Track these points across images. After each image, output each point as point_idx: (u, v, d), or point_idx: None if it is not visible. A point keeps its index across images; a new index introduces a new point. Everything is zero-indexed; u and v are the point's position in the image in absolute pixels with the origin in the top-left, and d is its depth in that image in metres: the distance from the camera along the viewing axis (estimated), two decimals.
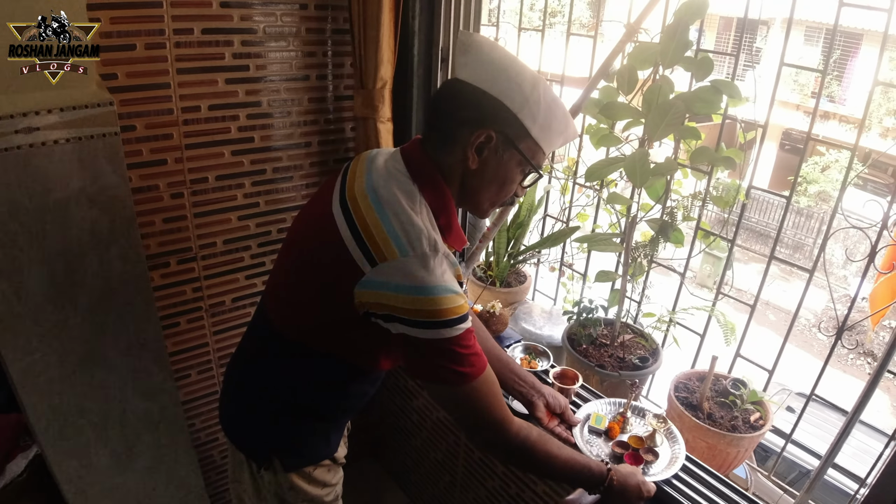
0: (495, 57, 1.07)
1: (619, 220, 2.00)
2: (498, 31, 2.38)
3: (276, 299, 1.23)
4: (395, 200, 1.05)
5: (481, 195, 1.15)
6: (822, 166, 10.90)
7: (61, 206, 1.38)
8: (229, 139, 1.74)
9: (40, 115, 1.28)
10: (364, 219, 1.03)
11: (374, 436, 2.67)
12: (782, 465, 4.03)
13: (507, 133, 1.08)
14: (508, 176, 1.14)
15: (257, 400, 1.30)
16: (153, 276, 1.73)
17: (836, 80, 10.85)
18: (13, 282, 1.39)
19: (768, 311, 9.36)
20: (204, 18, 1.58)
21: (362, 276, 1.01)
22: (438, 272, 1.01)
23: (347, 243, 1.03)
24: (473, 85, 1.06)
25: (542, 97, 1.08)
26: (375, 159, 1.16)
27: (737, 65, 1.80)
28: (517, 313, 2.32)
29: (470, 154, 1.08)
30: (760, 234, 11.18)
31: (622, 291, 2.00)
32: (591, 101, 1.80)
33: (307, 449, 1.33)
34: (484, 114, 1.06)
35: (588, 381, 1.87)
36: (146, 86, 1.56)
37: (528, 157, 1.11)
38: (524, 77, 1.07)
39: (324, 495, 1.39)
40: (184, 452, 1.87)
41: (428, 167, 1.11)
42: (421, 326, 1.02)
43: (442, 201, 1.11)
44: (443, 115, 1.12)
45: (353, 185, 1.11)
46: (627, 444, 1.51)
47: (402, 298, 1.00)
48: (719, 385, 1.83)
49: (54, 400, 1.55)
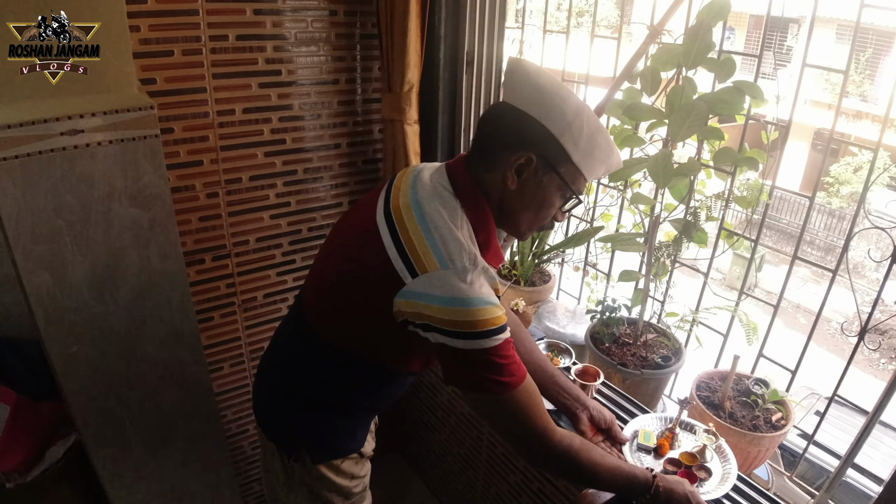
0: (541, 82, 1.09)
1: (643, 220, 2.01)
2: (523, 33, 2.41)
3: (316, 301, 1.26)
4: (438, 215, 1.08)
5: (519, 217, 1.17)
6: (855, 167, 10.67)
7: (104, 204, 1.44)
8: (262, 141, 1.80)
9: (85, 118, 1.34)
10: (407, 231, 1.07)
11: (399, 430, 2.72)
12: (811, 471, 3.97)
13: (548, 157, 1.10)
14: (547, 200, 1.15)
15: (289, 394, 1.34)
16: (189, 272, 1.80)
17: (868, 80, 10.61)
18: (57, 276, 1.46)
19: (799, 314, 9.20)
20: (238, 25, 1.64)
21: (403, 286, 1.04)
22: (477, 285, 1.04)
23: (390, 254, 1.06)
24: (517, 108, 1.10)
25: (585, 124, 1.10)
26: (421, 174, 1.19)
27: (759, 65, 1.80)
28: (541, 312, 2.35)
29: (510, 175, 1.11)
30: (792, 235, 10.98)
31: (645, 291, 2.01)
32: (614, 102, 1.83)
33: (334, 443, 1.37)
34: (525, 136, 1.09)
35: (610, 380, 1.89)
36: (183, 90, 1.63)
37: (567, 182, 1.13)
38: (568, 103, 1.09)
39: (352, 486, 1.43)
40: (215, 442, 1.93)
41: (470, 185, 1.14)
42: (459, 337, 1.04)
43: (482, 218, 1.14)
44: (487, 135, 1.15)
45: (398, 198, 1.14)
46: (679, 461, 1.48)
47: (441, 310, 1.03)
48: (741, 385, 1.84)
49: (94, 389, 1.61)
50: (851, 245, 1.69)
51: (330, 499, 1.41)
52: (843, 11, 9.34)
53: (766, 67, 1.85)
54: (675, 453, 1.52)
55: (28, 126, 1.29)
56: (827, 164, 10.69)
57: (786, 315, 9.12)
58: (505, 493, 2.05)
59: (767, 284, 9.51)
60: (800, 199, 11.01)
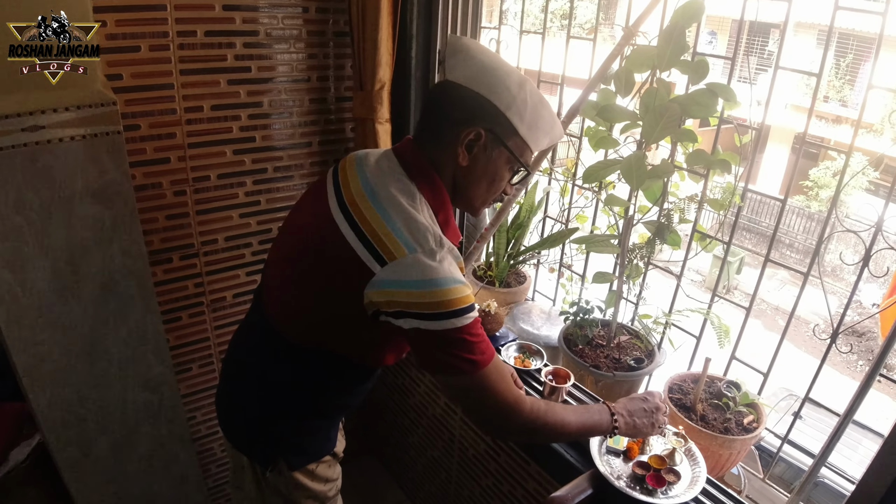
0: (484, 59, 1.11)
1: (617, 221, 2.01)
2: (500, 33, 2.41)
3: (281, 303, 1.24)
4: (395, 199, 1.08)
5: (473, 192, 1.19)
6: (834, 171, 10.80)
7: (65, 201, 1.42)
8: (231, 139, 1.78)
9: (46, 114, 1.32)
10: (367, 221, 1.06)
11: (373, 434, 2.70)
12: (789, 472, 4.00)
13: (496, 131, 1.12)
14: (498, 173, 1.18)
15: (260, 403, 1.31)
16: (156, 271, 1.77)
17: (848, 84, 10.75)
18: (18, 274, 1.43)
19: (778, 316, 9.29)
20: (207, 21, 1.61)
21: (372, 276, 1.04)
22: (446, 265, 1.05)
23: (353, 245, 1.05)
24: (463, 85, 1.10)
25: (528, 97, 1.13)
26: (366, 160, 1.19)
27: (733, 67, 1.81)
28: (516, 313, 2.34)
29: (460, 151, 1.12)
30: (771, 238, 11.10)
31: (618, 293, 2.01)
32: (589, 103, 1.82)
33: (311, 446, 1.36)
34: (473, 112, 1.10)
35: (583, 382, 1.88)
36: (150, 86, 1.60)
37: (516, 154, 1.15)
38: (511, 78, 1.11)
39: (326, 491, 1.42)
40: (182, 444, 1.90)
41: (424, 166, 1.15)
42: (433, 318, 1.04)
43: (440, 198, 1.16)
44: (434, 114, 1.16)
45: (349, 188, 1.13)
46: (648, 464, 1.47)
47: (414, 293, 1.03)
48: (714, 387, 1.84)
49: (56, 389, 1.59)
50: (830, 248, 1.70)
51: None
52: (823, 17, 9.46)
53: (747, 72, 1.85)
54: (645, 457, 1.51)
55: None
56: (806, 168, 10.84)
57: (765, 317, 9.21)
58: (477, 496, 2.05)
59: (747, 286, 9.59)
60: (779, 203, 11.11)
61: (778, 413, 5.18)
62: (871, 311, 7.31)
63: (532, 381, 1.82)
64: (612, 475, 1.45)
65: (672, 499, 1.39)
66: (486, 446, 1.92)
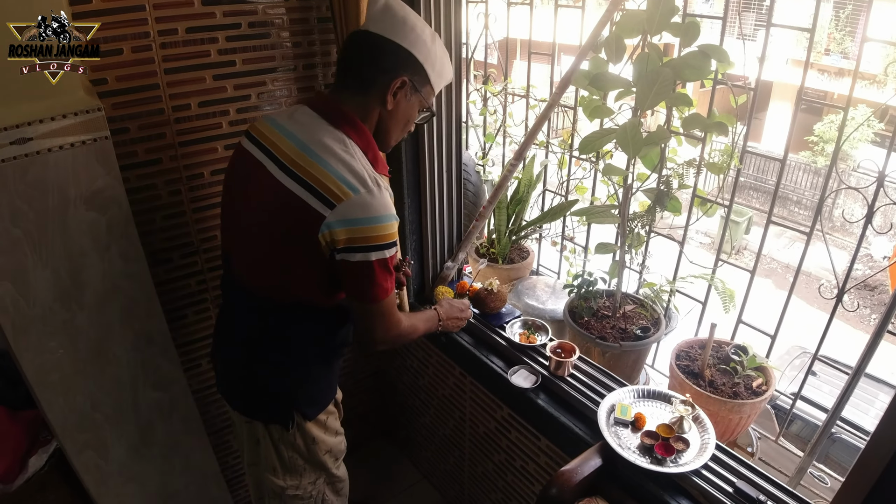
0: (404, 14, 1.27)
1: (616, 191, 1.99)
2: (487, 6, 2.37)
3: (254, 272, 1.37)
4: (330, 148, 1.22)
5: (390, 132, 1.36)
6: (839, 125, 10.63)
7: (60, 210, 1.43)
8: (221, 134, 1.76)
9: (32, 126, 1.32)
10: (309, 172, 1.20)
11: (385, 416, 2.72)
12: (806, 430, 4.01)
13: (415, 80, 1.30)
14: (412, 116, 1.37)
15: (261, 365, 1.42)
16: (157, 271, 1.77)
17: (849, 37, 10.52)
18: (21, 285, 1.44)
19: (789, 274, 9.23)
20: (187, 18, 1.59)
21: (323, 219, 1.17)
22: (386, 201, 1.22)
23: (302, 196, 1.19)
24: (387, 37, 1.25)
25: (438, 49, 1.32)
26: (281, 120, 1.32)
27: (724, 27, 1.77)
28: (520, 289, 2.34)
29: (388, 97, 1.28)
30: (780, 196, 10.96)
31: (621, 262, 2.00)
32: (581, 72, 1.80)
33: (318, 394, 1.50)
34: (400, 62, 1.27)
35: (590, 354, 1.88)
36: (136, 88, 1.58)
37: (426, 98, 1.35)
38: (426, 32, 1.29)
39: (338, 443, 1.60)
40: (198, 439, 1.93)
41: (346, 113, 1.28)
42: (375, 249, 1.22)
43: (366, 140, 1.30)
44: (360, 62, 1.28)
45: (279, 147, 1.26)
46: (657, 433, 1.48)
47: (363, 229, 1.19)
48: (721, 352, 1.83)
49: (68, 395, 1.61)
50: (838, 203, 1.68)
51: (325, 462, 1.55)
52: None
53: (745, 29, 1.81)
54: (653, 425, 1.51)
55: None
56: (811, 123, 10.67)
57: (776, 276, 9.16)
58: (490, 472, 2.07)
59: (756, 246, 9.52)
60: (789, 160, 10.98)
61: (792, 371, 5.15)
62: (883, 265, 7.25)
63: (538, 357, 1.82)
64: (620, 446, 1.46)
65: (682, 467, 1.40)
66: (495, 423, 1.93)
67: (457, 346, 1.97)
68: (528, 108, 2.40)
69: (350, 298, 1.32)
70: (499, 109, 2.57)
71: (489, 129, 2.70)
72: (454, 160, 2.03)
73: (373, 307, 1.30)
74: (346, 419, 1.74)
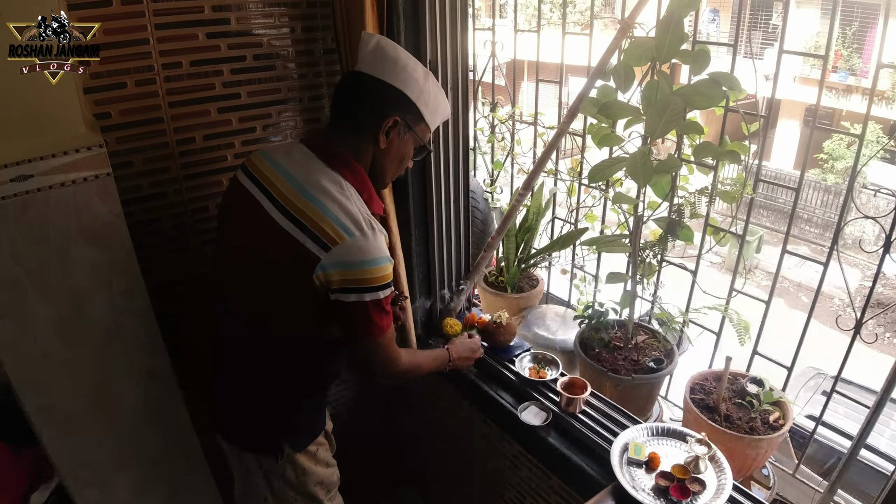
0: (396, 55, 1.29)
1: (627, 219, 1.96)
2: (494, 34, 2.36)
3: (246, 305, 1.38)
4: (327, 191, 1.22)
5: (386, 171, 1.37)
6: (848, 141, 10.59)
7: (61, 247, 1.41)
8: (226, 167, 1.75)
9: (33, 163, 1.31)
10: (306, 213, 1.20)
11: (394, 449, 2.67)
12: (820, 451, 3.93)
13: (408, 119, 1.31)
14: (406, 154, 1.38)
15: (253, 396, 1.43)
16: (162, 304, 1.75)
17: (856, 53, 10.51)
18: (22, 323, 1.42)
19: (801, 293, 9.13)
20: (191, 51, 1.59)
21: (319, 261, 1.18)
22: (380, 244, 1.23)
23: (299, 238, 1.19)
24: (378, 78, 1.28)
25: (431, 87, 1.34)
26: (278, 156, 1.32)
27: (735, 53, 1.75)
28: (530, 319, 2.30)
29: (381, 137, 1.29)
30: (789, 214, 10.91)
31: (632, 293, 1.96)
32: (589, 100, 1.77)
33: (307, 424, 1.50)
34: (390, 102, 1.28)
35: (602, 388, 1.84)
36: (140, 122, 1.58)
37: (420, 136, 1.36)
38: (418, 71, 1.31)
39: (330, 475, 1.58)
40: (202, 476, 1.90)
41: (342, 154, 1.29)
42: (370, 291, 1.23)
43: (361, 180, 1.30)
44: (351, 104, 1.31)
45: (275, 186, 1.26)
46: (672, 475, 1.43)
47: (359, 272, 1.20)
48: (737, 385, 1.78)
49: (70, 432, 1.59)
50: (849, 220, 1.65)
51: (316, 493, 1.54)
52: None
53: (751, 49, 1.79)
54: (668, 466, 1.46)
55: None
56: (820, 140, 10.62)
57: (788, 295, 9.06)
58: None
59: (768, 265, 9.44)
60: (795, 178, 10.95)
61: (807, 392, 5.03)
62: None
63: (548, 392, 1.77)
64: (634, 488, 1.41)
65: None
66: (505, 460, 1.88)
67: (465, 380, 1.93)
68: (537, 136, 2.38)
69: (346, 335, 1.34)
70: (507, 136, 2.55)
71: (497, 155, 2.68)
72: (461, 189, 2.00)
73: (369, 345, 1.31)
74: (354, 451, 1.70)
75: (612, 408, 1.69)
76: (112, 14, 1.47)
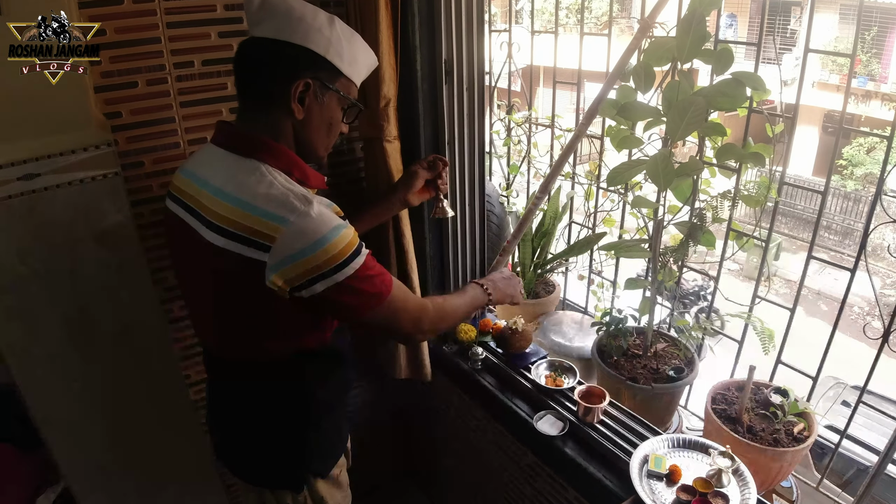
0: (289, 7, 1.10)
1: (646, 224, 1.91)
2: (511, 35, 2.33)
3: (219, 339, 1.26)
4: (245, 185, 1.06)
5: (314, 142, 1.19)
6: (868, 147, 10.45)
7: (68, 247, 1.39)
8: None
9: (40, 161, 1.29)
10: (232, 220, 1.05)
11: (406, 456, 2.64)
12: (839, 463, 3.84)
13: (321, 77, 1.12)
14: (333, 117, 1.18)
15: (267, 430, 1.30)
16: (173, 307, 1.72)
17: (875, 58, 10.37)
18: (28, 324, 1.41)
19: (820, 301, 9.00)
20: (203, 50, 1.56)
21: (264, 265, 1.03)
22: (324, 217, 1.05)
23: (237, 250, 1.04)
24: (274, 39, 1.09)
25: (341, 33, 1.13)
26: (190, 168, 1.20)
27: (759, 53, 1.70)
28: (546, 325, 2.25)
29: (294, 106, 1.11)
30: (807, 221, 10.76)
31: (652, 299, 1.91)
32: (608, 101, 1.73)
33: (326, 446, 1.36)
34: (295, 64, 1.10)
35: (620, 396, 1.79)
36: (151, 121, 1.55)
37: (344, 93, 1.17)
38: (320, 19, 1.11)
39: (343, 498, 1.44)
40: (211, 485, 1.87)
41: (254, 138, 1.12)
42: (337, 271, 1.05)
43: (286, 160, 1.13)
44: (253, 76, 1.13)
45: (198, 201, 1.12)
46: (694, 488, 1.37)
47: (312, 258, 1.03)
48: (760, 395, 1.73)
49: (77, 437, 1.57)
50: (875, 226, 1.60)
51: None
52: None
53: (769, 52, 1.75)
54: (689, 479, 1.41)
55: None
56: (840, 146, 10.49)
57: (806, 302, 8.93)
58: None
59: (786, 272, 9.32)
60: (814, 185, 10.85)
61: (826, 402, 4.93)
62: None
63: (565, 401, 1.72)
64: (654, 501, 1.36)
65: None
66: (520, 471, 1.84)
67: (480, 387, 1.89)
68: (554, 139, 2.34)
69: (349, 321, 1.23)
70: (523, 139, 2.51)
71: (513, 158, 2.64)
72: (476, 193, 1.96)
73: (380, 315, 1.15)
74: (366, 458, 1.65)
75: (630, 418, 1.64)
76: (123, 13, 1.44)
